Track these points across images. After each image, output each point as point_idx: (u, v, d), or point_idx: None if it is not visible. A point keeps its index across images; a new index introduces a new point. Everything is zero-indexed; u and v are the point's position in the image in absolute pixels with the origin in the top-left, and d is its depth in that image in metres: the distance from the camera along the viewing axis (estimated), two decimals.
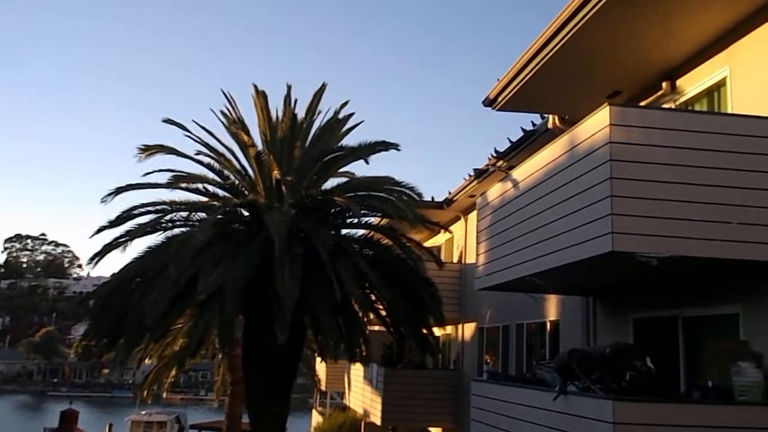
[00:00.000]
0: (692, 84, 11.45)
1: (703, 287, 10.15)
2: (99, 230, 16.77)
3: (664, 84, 12.00)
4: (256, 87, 18.74)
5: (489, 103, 14.35)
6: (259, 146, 18.03)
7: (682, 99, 11.70)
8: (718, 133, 8.88)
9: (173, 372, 31.13)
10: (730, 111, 10.31)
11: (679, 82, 11.81)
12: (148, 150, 17.34)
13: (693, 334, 10.54)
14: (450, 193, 22.64)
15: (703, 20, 10.35)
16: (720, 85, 10.86)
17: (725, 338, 9.71)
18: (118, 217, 16.78)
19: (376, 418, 23.21)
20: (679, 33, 10.77)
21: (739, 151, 8.73)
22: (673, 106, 11.76)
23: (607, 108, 8.78)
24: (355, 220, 18.26)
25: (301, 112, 18.89)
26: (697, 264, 8.97)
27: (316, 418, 38.92)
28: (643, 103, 12.51)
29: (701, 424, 8.24)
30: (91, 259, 16.99)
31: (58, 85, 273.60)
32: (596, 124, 8.97)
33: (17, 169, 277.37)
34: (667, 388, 9.63)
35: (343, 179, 18.45)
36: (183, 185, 17.15)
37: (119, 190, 17.01)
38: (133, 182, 17.20)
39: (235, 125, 18.35)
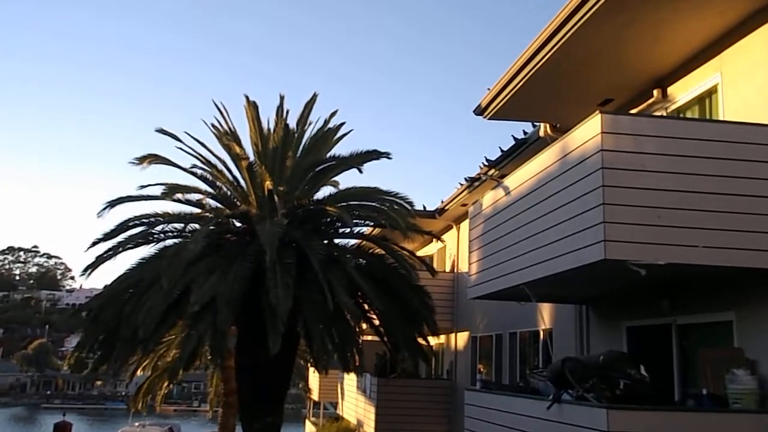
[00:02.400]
0: (684, 91, 11.46)
1: (696, 294, 10.14)
2: (93, 244, 16.73)
3: (655, 91, 12.01)
4: (247, 98, 18.68)
5: (480, 112, 14.35)
6: (251, 157, 17.98)
7: (674, 106, 11.71)
8: (710, 140, 8.88)
9: (166, 383, 31.01)
10: (721, 118, 10.31)
11: (670, 90, 11.82)
12: (143, 159, 17.30)
13: (687, 342, 10.53)
14: (442, 202, 22.63)
15: (694, 28, 10.36)
16: (711, 92, 10.87)
17: (719, 346, 9.69)
18: (112, 230, 16.73)
19: (370, 428, 23.13)
20: (670, 41, 10.78)
21: (731, 158, 8.72)
22: (665, 114, 11.77)
23: (599, 116, 8.77)
24: (348, 230, 18.22)
25: (292, 123, 18.86)
26: (691, 271, 8.97)
27: (309, 428, 38.81)
28: (634, 111, 12.52)
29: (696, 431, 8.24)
30: (84, 270, 16.95)
31: (57, 95, 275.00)
32: (588, 132, 8.96)
33: (8, 180, 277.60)
34: (661, 396, 9.62)
35: (335, 189, 18.43)
36: (176, 196, 17.10)
37: (112, 204, 16.97)
38: (126, 195, 17.18)
39: (227, 136, 18.30)
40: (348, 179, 18.78)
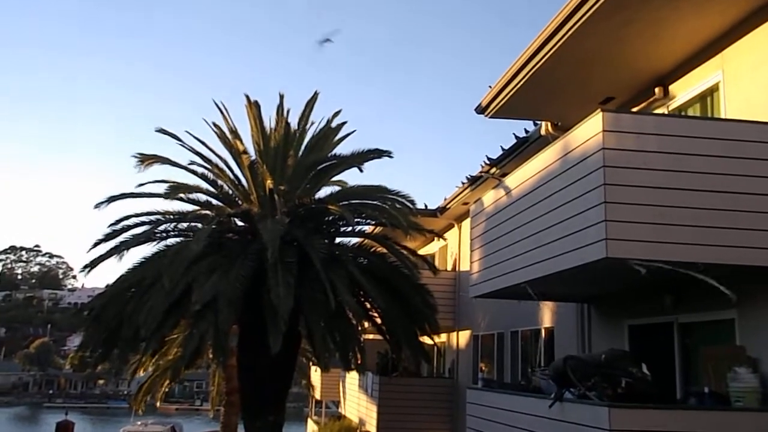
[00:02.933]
0: (685, 89, 11.45)
1: (698, 292, 10.12)
2: (95, 245, 16.69)
3: (656, 89, 11.99)
4: (248, 97, 18.64)
5: (481, 110, 14.33)
6: (253, 156, 17.97)
7: (675, 104, 11.69)
8: (712, 138, 8.87)
9: (168, 382, 31.03)
10: (723, 116, 10.30)
11: (671, 88, 11.81)
12: (146, 160, 17.28)
13: (689, 340, 10.52)
14: (445, 200, 22.62)
15: (694, 26, 10.34)
16: (713, 90, 10.85)
17: (721, 344, 9.68)
18: (114, 230, 16.71)
19: (372, 427, 23.13)
20: (671, 39, 10.77)
21: (732, 155, 8.71)
22: (666, 112, 11.76)
23: (600, 114, 8.77)
24: (349, 229, 18.20)
25: (293, 122, 18.85)
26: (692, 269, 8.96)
27: (311, 427, 38.83)
28: (635, 109, 12.50)
29: (697, 430, 8.22)
30: (84, 267, 16.94)
31: (58, 91, 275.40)
32: (589, 131, 8.95)
33: (8, 176, 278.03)
34: (663, 395, 9.61)
35: (337, 188, 18.41)
36: (178, 195, 17.09)
37: (112, 198, 16.95)
38: (128, 192, 17.17)
39: (229, 135, 18.30)
40: (349, 177, 18.73)
